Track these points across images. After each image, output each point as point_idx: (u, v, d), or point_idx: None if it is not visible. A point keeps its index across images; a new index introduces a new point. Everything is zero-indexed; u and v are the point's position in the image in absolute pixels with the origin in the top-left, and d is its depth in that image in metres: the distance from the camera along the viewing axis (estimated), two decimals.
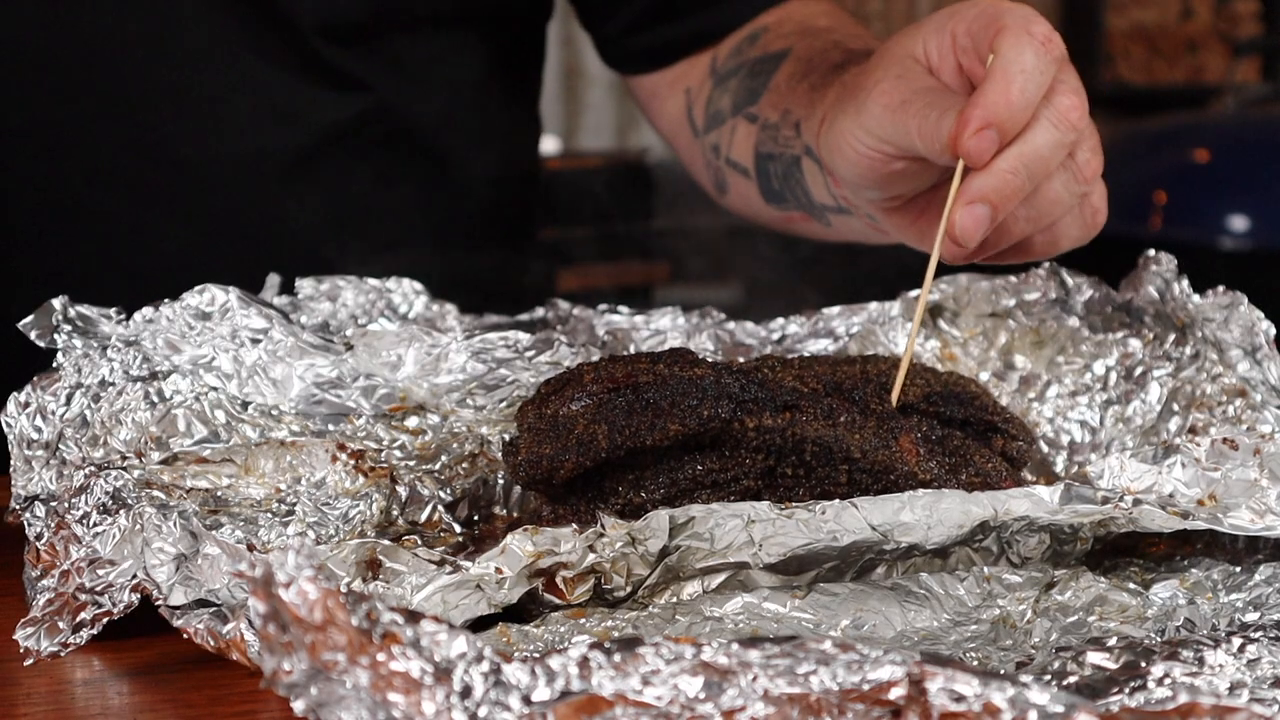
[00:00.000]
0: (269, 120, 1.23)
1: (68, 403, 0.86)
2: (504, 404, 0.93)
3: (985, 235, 0.82)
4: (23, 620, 0.73)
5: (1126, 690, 0.63)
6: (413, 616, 0.53)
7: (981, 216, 0.81)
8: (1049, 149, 0.81)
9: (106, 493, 0.77)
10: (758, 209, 1.20)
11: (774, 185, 1.13)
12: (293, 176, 1.24)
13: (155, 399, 0.87)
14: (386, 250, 1.26)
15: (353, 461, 0.87)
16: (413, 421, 0.92)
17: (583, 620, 0.73)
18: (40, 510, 0.80)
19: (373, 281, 1.06)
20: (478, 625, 0.72)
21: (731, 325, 1.03)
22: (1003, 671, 0.67)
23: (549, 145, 4.22)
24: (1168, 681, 0.63)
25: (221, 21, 1.20)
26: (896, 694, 0.53)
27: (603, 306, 1.05)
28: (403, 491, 0.86)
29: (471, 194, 1.34)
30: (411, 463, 0.89)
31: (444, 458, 0.89)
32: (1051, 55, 0.81)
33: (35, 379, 0.87)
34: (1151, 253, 0.99)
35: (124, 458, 0.85)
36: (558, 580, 0.73)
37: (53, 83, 1.19)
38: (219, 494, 0.84)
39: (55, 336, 0.88)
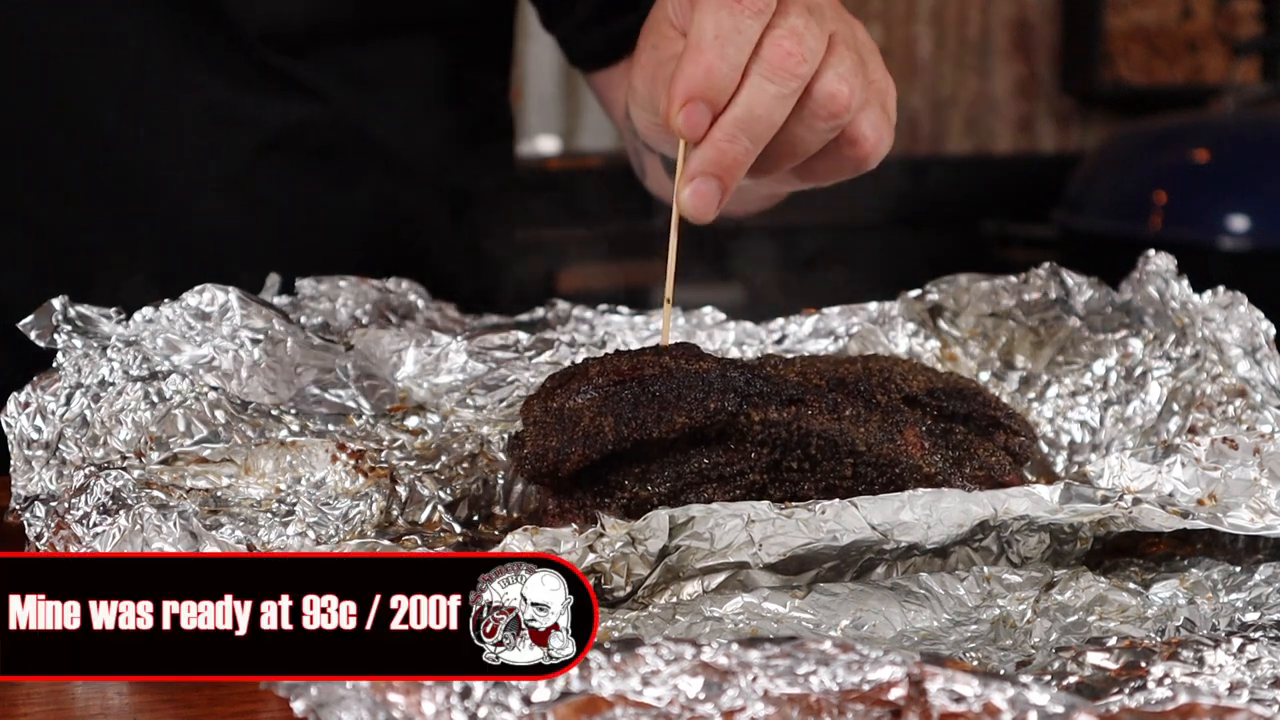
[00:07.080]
0: (213, 126, 1.20)
1: (68, 403, 0.86)
2: (504, 404, 0.93)
3: (719, 207, 0.78)
4: None
5: (1126, 690, 0.63)
6: None
7: (708, 192, 0.78)
8: (767, 106, 0.77)
9: (106, 493, 0.77)
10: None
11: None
12: (239, 183, 1.21)
13: (155, 399, 0.87)
14: (339, 258, 1.22)
15: (353, 461, 0.87)
16: (413, 421, 0.92)
17: None
18: (40, 510, 0.80)
19: (373, 281, 1.06)
20: None
21: (731, 325, 1.03)
22: (1003, 671, 0.67)
23: (549, 145, 4.21)
24: (1168, 682, 0.63)
25: (163, 26, 1.17)
26: (896, 694, 0.53)
27: (603, 306, 1.05)
28: (403, 491, 0.86)
29: (432, 200, 1.31)
30: (411, 463, 0.89)
31: (444, 458, 0.89)
32: (750, 10, 0.77)
33: (35, 379, 0.87)
34: (1151, 253, 0.99)
35: (124, 458, 0.85)
36: None
37: None
38: (219, 494, 0.84)
39: (55, 336, 0.88)
